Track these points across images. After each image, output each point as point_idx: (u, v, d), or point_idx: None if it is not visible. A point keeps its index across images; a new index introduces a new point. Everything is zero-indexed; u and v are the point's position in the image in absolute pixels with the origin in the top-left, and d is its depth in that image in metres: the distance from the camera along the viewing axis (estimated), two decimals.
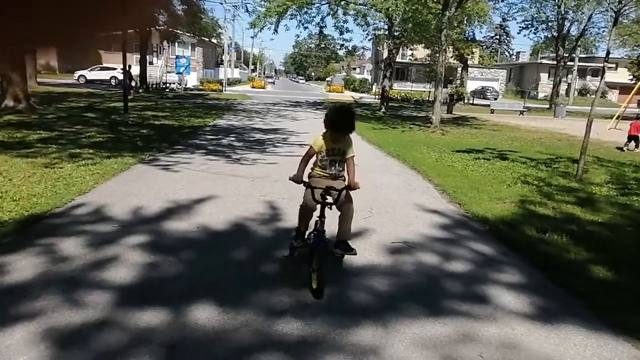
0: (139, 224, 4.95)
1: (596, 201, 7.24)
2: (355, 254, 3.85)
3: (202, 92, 36.07)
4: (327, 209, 3.69)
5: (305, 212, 3.85)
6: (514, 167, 9.87)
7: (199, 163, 8.67)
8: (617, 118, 23.28)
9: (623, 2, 9.40)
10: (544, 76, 61.41)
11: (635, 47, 36.98)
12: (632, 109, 38.50)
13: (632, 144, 14.72)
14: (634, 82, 32.29)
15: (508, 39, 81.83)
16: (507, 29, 76.19)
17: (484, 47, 75.96)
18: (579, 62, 57.10)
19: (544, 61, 61.31)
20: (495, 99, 46.96)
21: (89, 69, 38.59)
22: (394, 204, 6.43)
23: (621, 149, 14.75)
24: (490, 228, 5.56)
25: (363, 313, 3.27)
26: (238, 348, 2.80)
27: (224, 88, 39.30)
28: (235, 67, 63.14)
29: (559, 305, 3.65)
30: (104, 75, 38.66)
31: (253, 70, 79.93)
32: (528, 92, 57.11)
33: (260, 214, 5.58)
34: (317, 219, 3.67)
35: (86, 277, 3.61)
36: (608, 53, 9.35)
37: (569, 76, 56.82)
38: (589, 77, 63.45)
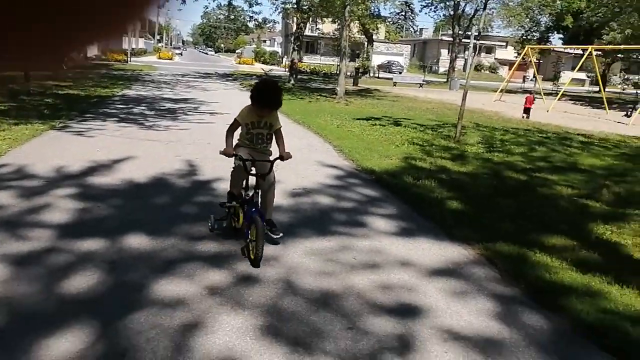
0: (64, 180, 5.42)
1: (466, 157, 8.67)
2: (281, 236, 3.97)
3: (105, 62, 34.44)
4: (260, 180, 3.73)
5: (237, 175, 3.88)
6: (404, 131, 11.20)
7: (113, 129, 8.98)
8: (500, 91, 26.01)
9: None
10: (444, 52, 65.24)
11: (519, 28, 40.73)
12: (517, 83, 42.72)
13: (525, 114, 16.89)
14: (518, 59, 35.84)
15: (413, 15, 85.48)
16: (412, 6, 79.58)
17: (391, 22, 79.01)
18: (474, 39, 61.42)
19: (444, 38, 65.10)
20: (400, 72, 49.57)
21: None
22: (297, 162, 7.29)
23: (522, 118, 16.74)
24: (376, 178, 6.66)
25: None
26: (167, 261, 3.56)
27: (128, 59, 37.76)
28: (140, 37, 60.27)
29: (417, 227, 4.79)
30: None
31: (159, 41, 76.59)
32: (429, 66, 60.71)
33: (177, 169, 6.24)
34: (252, 190, 3.76)
35: (25, 220, 4.13)
36: (479, 33, 10.80)
37: (466, 52, 61.08)
38: (482, 54, 68.48)
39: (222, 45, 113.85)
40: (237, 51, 74.99)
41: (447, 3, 37.74)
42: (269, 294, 3.18)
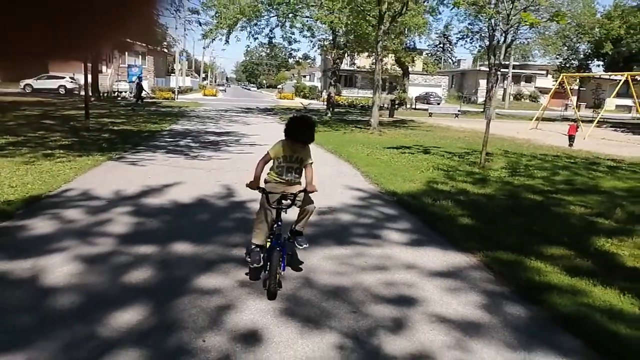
0: (122, 200, 6.31)
1: (487, 180, 9.12)
2: (306, 248, 3.99)
3: (154, 100, 36.74)
4: (283, 214, 3.78)
5: (260, 217, 3.76)
6: (431, 159, 11.73)
7: (162, 159, 9.99)
8: (536, 119, 26.06)
9: (510, 23, 11.43)
10: (482, 82, 65.30)
11: (557, 56, 40.68)
12: (556, 111, 42.29)
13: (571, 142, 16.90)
14: (559, 87, 35.75)
15: (451, 47, 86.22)
16: (450, 38, 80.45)
17: (429, 54, 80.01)
18: (513, 69, 61.50)
19: (483, 68, 65.30)
20: (438, 104, 50.07)
21: (36, 78, 38.26)
22: (326, 186, 7.99)
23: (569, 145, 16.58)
24: (396, 199, 7.25)
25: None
26: (206, 261, 4.28)
27: (176, 96, 40.05)
28: (187, 76, 63.56)
29: (427, 239, 5.33)
30: (52, 84, 38.37)
31: (204, 79, 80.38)
32: (467, 97, 60.80)
33: (217, 192, 7.04)
34: (275, 224, 3.72)
35: (92, 230, 4.98)
36: (500, 64, 11.34)
37: (505, 82, 61.06)
38: (522, 83, 68.13)
39: (264, 81, 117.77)
40: (278, 86, 77.66)
41: (483, 34, 38.31)
42: (289, 286, 3.82)
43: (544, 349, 3.06)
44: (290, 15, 24.43)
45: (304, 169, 3.90)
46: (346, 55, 30.29)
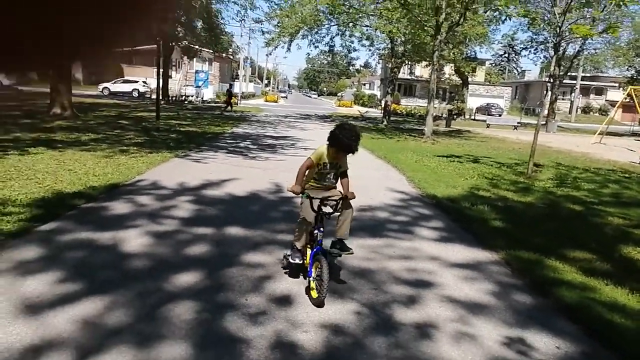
0: (186, 191, 7.16)
1: (531, 190, 9.30)
2: (352, 253, 3.99)
3: (218, 104, 38.63)
4: (325, 220, 3.84)
5: (303, 224, 3.86)
6: (479, 167, 11.95)
7: (222, 158, 10.91)
8: (600, 133, 25.21)
9: (561, 35, 11.42)
10: (549, 94, 63.14)
11: (628, 67, 38.88)
12: (626, 126, 40.28)
13: None
14: (628, 100, 34.21)
15: (516, 57, 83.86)
16: (515, 47, 78.45)
17: (493, 64, 78.36)
18: (583, 80, 59.08)
19: (550, 79, 63.12)
20: (500, 115, 49.01)
21: (112, 82, 41.19)
22: (370, 188, 8.55)
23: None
24: (435, 202, 7.67)
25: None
26: (254, 243, 4.96)
27: (239, 101, 41.82)
28: (250, 82, 65.86)
29: (457, 237, 5.76)
30: (127, 87, 41.16)
31: (267, 85, 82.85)
32: (530, 108, 59.01)
33: (269, 189, 7.77)
34: (316, 231, 3.79)
35: (160, 213, 5.81)
36: (550, 76, 11.33)
37: (573, 94, 58.76)
38: (592, 96, 65.19)
39: (325, 88, 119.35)
40: (338, 94, 78.72)
41: (547, 45, 37.31)
42: None
43: (539, 329, 3.47)
44: (350, 24, 25.14)
45: (340, 175, 4.00)
46: (404, 64, 30.58)
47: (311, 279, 3.68)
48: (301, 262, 3.90)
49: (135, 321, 3.16)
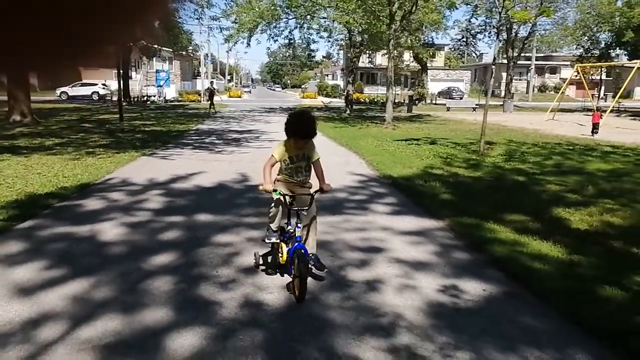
0: (155, 185, 7.53)
1: (481, 166, 10.01)
2: (325, 272, 3.94)
3: (181, 103, 38.46)
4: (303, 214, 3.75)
5: (276, 210, 3.85)
6: (435, 149, 12.64)
7: (189, 154, 11.24)
8: (551, 111, 26.48)
9: (501, 21, 12.20)
10: (505, 75, 65.04)
11: (578, 46, 40.62)
12: (579, 102, 42.12)
13: (595, 130, 17.37)
14: (577, 77, 35.91)
15: (474, 41, 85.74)
16: (473, 32, 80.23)
17: (452, 49, 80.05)
18: (537, 60, 61.14)
19: (505, 61, 65.01)
20: (461, 98, 50.37)
21: (71, 86, 40.34)
22: (331, 172, 9.01)
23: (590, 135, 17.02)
24: (391, 181, 8.26)
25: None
26: (222, 226, 5.41)
27: (202, 98, 41.70)
28: (212, 78, 65.37)
29: (408, 210, 6.35)
30: (86, 90, 40.38)
31: (229, 81, 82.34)
32: (485, 90, 60.62)
33: (235, 178, 8.21)
34: (290, 227, 3.79)
35: (133, 206, 6.18)
36: (494, 59, 12.12)
37: (529, 74, 60.76)
38: (547, 75, 67.53)
39: (289, 81, 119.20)
40: (302, 86, 78.99)
41: (501, 28, 38.54)
42: None
43: (470, 278, 4.06)
44: (308, 16, 25.52)
45: (312, 166, 3.81)
46: (363, 53, 31.18)
47: (292, 276, 3.63)
48: (277, 240, 3.86)
49: (119, 294, 3.58)
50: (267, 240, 3.97)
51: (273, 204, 3.84)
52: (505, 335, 3.13)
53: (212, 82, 30.42)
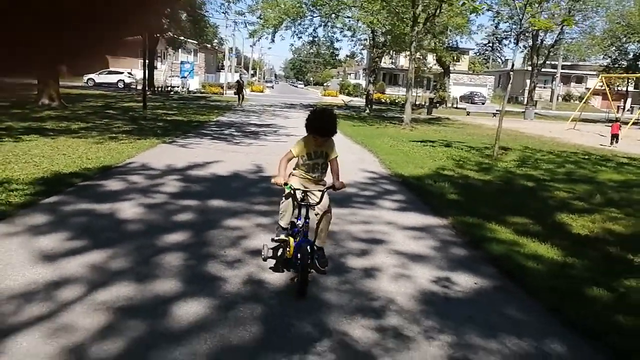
0: (173, 171, 7.85)
1: (493, 170, 10.12)
2: (325, 272, 3.88)
3: (204, 95, 39.04)
4: (311, 211, 3.75)
5: (286, 205, 3.82)
6: (450, 151, 12.76)
7: (207, 144, 11.58)
8: (573, 120, 26.23)
9: (522, 28, 12.22)
10: (529, 82, 64.32)
11: (605, 57, 40.03)
12: (603, 113, 41.50)
13: (614, 140, 17.45)
14: (602, 87, 35.48)
15: (500, 46, 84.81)
16: (499, 37, 79.35)
17: (478, 54, 79.30)
18: (564, 69, 60.38)
19: (530, 68, 64.26)
20: (483, 103, 50.09)
21: (98, 73, 41.23)
22: (344, 168, 9.23)
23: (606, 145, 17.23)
24: (402, 180, 8.44)
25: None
26: (234, 211, 5.68)
27: (224, 91, 42.25)
28: (236, 72, 66.01)
29: (414, 207, 6.54)
30: (112, 78, 41.27)
31: (253, 75, 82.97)
32: (514, 97, 60.10)
33: (250, 169, 8.49)
34: (299, 221, 3.74)
35: (151, 189, 6.50)
36: (513, 65, 12.17)
37: (554, 82, 59.99)
38: (572, 84, 66.54)
39: (312, 78, 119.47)
40: (325, 84, 79.25)
41: (527, 34, 38.20)
42: None
43: (464, 272, 4.25)
44: (333, 15, 25.73)
45: (329, 164, 3.80)
46: (386, 54, 31.28)
47: (295, 270, 3.65)
48: (286, 238, 3.79)
49: (133, 266, 3.88)
50: (275, 238, 3.93)
51: (283, 197, 3.83)
52: (488, 324, 3.33)
53: (240, 76, 31.29)
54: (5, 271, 3.58)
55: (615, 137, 17.63)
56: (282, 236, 3.85)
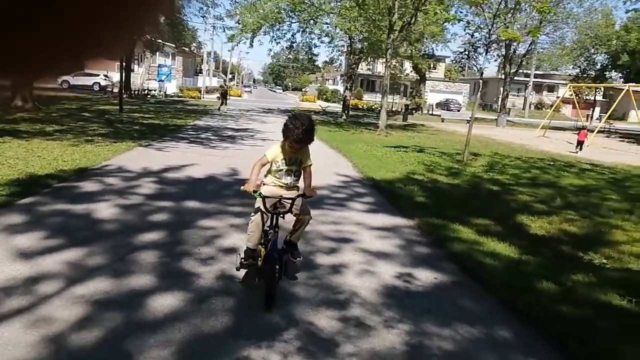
0: (148, 174, 7.97)
1: (461, 174, 10.50)
2: (300, 260, 3.91)
3: (181, 98, 38.90)
4: (280, 219, 3.66)
5: (255, 225, 3.61)
6: (422, 156, 13.13)
7: (184, 148, 11.69)
8: (542, 127, 27.09)
9: (491, 38, 12.75)
10: (501, 90, 65.77)
11: (574, 67, 41.37)
12: (573, 121, 42.83)
13: (578, 147, 18.18)
14: (572, 97, 36.79)
15: (476, 55, 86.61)
16: (475, 45, 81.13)
17: (454, 61, 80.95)
18: (536, 78, 62.04)
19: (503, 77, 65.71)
20: (458, 110, 51.14)
21: (72, 75, 40.66)
22: (318, 172, 9.48)
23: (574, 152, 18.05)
24: (373, 183, 8.73)
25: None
26: (207, 212, 5.86)
27: (202, 95, 42.15)
28: (214, 76, 65.84)
29: (383, 209, 6.82)
30: (87, 80, 40.71)
31: (231, 80, 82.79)
32: (489, 104, 61.47)
33: (225, 172, 8.66)
34: (270, 230, 3.64)
35: (127, 191, 6.63)
36: (482, 74, 12.72)
37: (526, 91, 61.57)
38: (544, 92, 68.38)
39: (290, 83, 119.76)
40: (303, 89, 79.61)
41: (500, 44, 39.23)
42: None
43: (426, 268, 4.53)
44: (311, 21, 26.04)
45: (302, 171, 3.70)
46: (363, 60, 31.74)
47: (263, 280, 3.55)
48: (252, 264, 3.66)
49: (109, 262, 4.04)
50: (244, 262, 3.68)
51: (253, 213, 3.66)
52: (444, 314, 3.60)
53: (224, 81, 31.54)
54: None
55: (580, 143, 18.34)
56: (249, 261, 3.67)
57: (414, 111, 38.08)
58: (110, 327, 3.01)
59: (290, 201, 3.58)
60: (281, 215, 3.64)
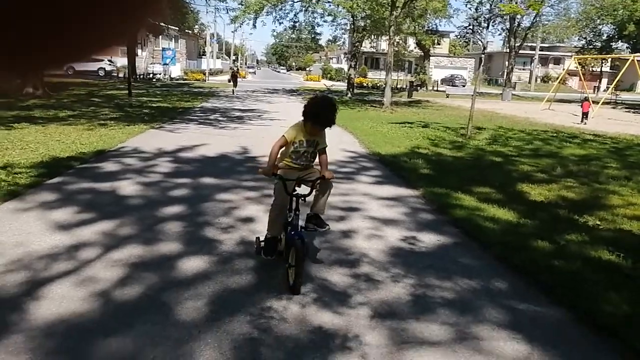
0: (163, 154, 8.34)
1: (465, 147, 10.78)
2: (329, 231, 3.88)
3: (186, 81, 39.10)
4: (300, 202, 3.59)
5: (277, 210, 3.61)
6: (426, 131, 13.39)
7: (194, 129, 12.04)
8: (547, 100, 27.10)
9: (492, 13, 12.84)
10: (507, 64, 65.25)
11: (580, 38, 40.98)
12: (581, 93, 42.61)
13: (585, 118, 18.37)
14: (577, 69, 36.49)
15: (481, 29, 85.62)
16: (479, 20, 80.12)
17: (458, 37, 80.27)
18: (542, 51, 61.51)
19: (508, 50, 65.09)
20: (464, 86, 50.92)
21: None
22: (327, 150, 9.85)
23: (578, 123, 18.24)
24: (379, 158, 9.05)
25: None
26: (223, 187, 6.23)
27: (206, 78, 42.31)
28: (217, 58, 65.77)
29: (388, 181, 7.16)
30: (92, 66, 40.89)
31: (234, 61, 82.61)
32: (494, 79, 61.07)
33: (235, 150, 9.02)
34: (291, 213, 3.59)
35: (145, 169, 7.01)
36: (484, 48, 12.84)
37: (532, 64, 61.14)
38: (551, 65, 67.75)
39: (294, 63, 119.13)
40: (307, 69, 79.39)
41: (504, 18, 38.91)
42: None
43: (429, 232, 4.89)
44: (313, 0, 26.03)
45: (318, 153, 3.71)
46: (366, 38, 31.71)
47: (287, 265, 3.48)
48: (273, 257, 3.69)
49: (139, 232, 4.42)
50: (263, 256, 3.71)
51: (274, 199, 3.69)
52: (445, 269, 3.96)
53: (234, 62, 31.82)
54: (29, 238, 4.10)
55: (585, 115, 18.47)
56: (269, 256, 3.68)
57: (418, 88, 38.09)
58: (148, 284, 3.41)
59: (310, 183, 3.63)
60: (302, 198, 3.56)
